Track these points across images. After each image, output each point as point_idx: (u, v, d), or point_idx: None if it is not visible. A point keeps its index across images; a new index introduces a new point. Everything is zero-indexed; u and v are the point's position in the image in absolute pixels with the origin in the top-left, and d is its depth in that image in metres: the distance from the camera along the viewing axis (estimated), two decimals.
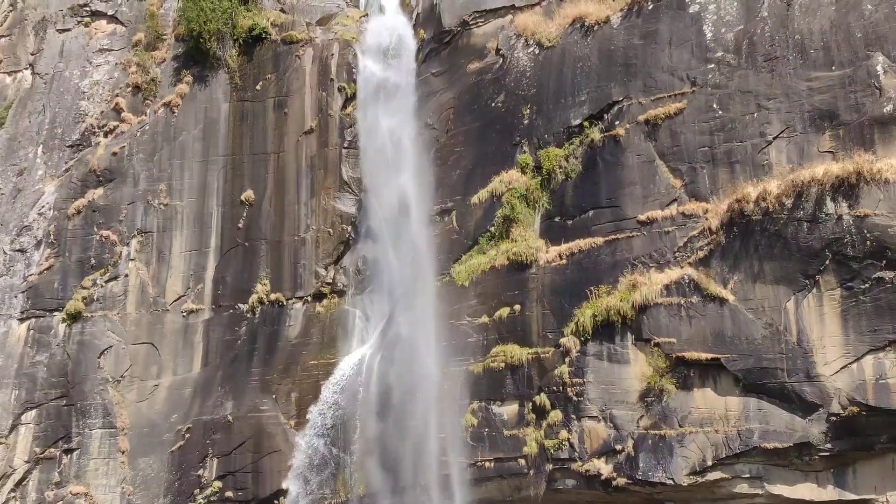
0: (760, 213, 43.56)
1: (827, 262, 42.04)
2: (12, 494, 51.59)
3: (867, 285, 41.34)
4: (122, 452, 51.91)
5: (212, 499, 50.57)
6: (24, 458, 52.11)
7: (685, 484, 42.55)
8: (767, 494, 42.20)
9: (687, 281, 44.29)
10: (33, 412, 52.87)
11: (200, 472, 51.03)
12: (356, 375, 49.49)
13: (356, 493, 48.54)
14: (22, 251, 56.22)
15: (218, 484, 50.62)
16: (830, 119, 43.98)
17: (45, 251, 55.85)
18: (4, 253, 56.34)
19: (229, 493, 50.51)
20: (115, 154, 57.19)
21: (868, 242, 41.42)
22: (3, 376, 53.52)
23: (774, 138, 44.83)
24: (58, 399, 52.88)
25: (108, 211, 56.07)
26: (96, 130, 58.78)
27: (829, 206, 42.34)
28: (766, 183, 43.94)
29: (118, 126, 58.54)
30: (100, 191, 56.55)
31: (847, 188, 42.21)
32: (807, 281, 42.37)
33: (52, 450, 52.10)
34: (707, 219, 45.03)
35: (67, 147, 58.73)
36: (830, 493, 41.78)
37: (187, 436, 51.63)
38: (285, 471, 49.68)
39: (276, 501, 49.77)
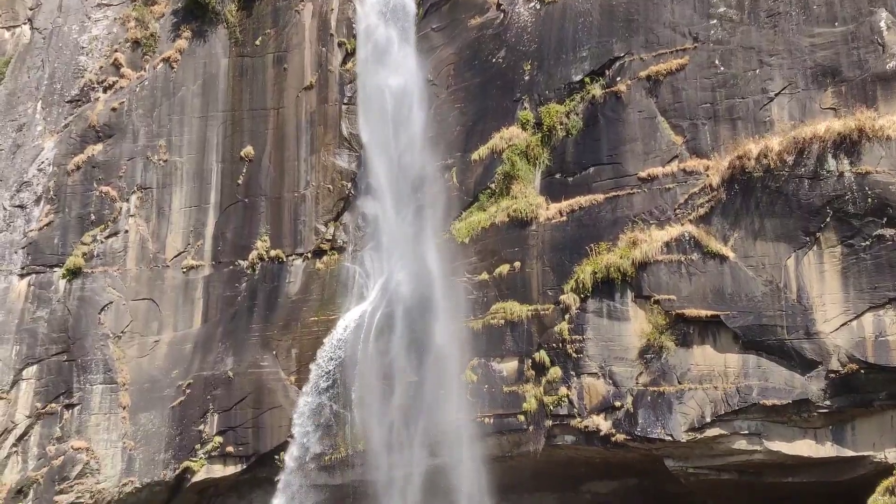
0: (762, 170, 43.45)
1: (828, 219, 41.99)
2: (14, 449, 51.78)
3: (868, 243, 41.29)
4: (124, 408, 52.03)
5: (213, 454, 50.77)
6: (26, 413, 52.25)
7: (684, 440, 42.67)
8: (766, 451, 42.28)
9: (687, 238, 44.23)
10: (34, 367, 52.97)
11: (201, 427, 51.19)
12: (356, 332, 49.50)
13: (356, 449, 48.69)
14: (22, 207, 56.12)
15: (219, 439, 50.81)
16: (833, 75, 43.83)
17: (45, 207, 55.76)
18: (4, 209, 56.25)
19: (230, 448, 50.69)
20: (114, 110, 56.98)
21: (869, 200, 41.35)
22: (3, 332, 53.57)
23: (776, 95, 44.69)
24: (59, 354, 52.97)
25: (107, 167, 55.92)
26: (95, 86, 58.56)
27: (831, 163, 42.24)
28: (767, 140, 43.82)
29: (117, 81, 58.32)
30: (99, 146, 56.38)
31: (849, 145, 42.10)
32: (807, 238, 42.32)
33: (53, 405, 52.23)
34: (708, 175, 44.92)
35: (67, 102, 58.53)
36: (829, 449, 41.88)
37: (188, 391, 51.76)
38: (286, 426, 49.83)
39: (276, 457, 49.95)
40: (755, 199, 43.46)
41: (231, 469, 50.85)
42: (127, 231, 54.74)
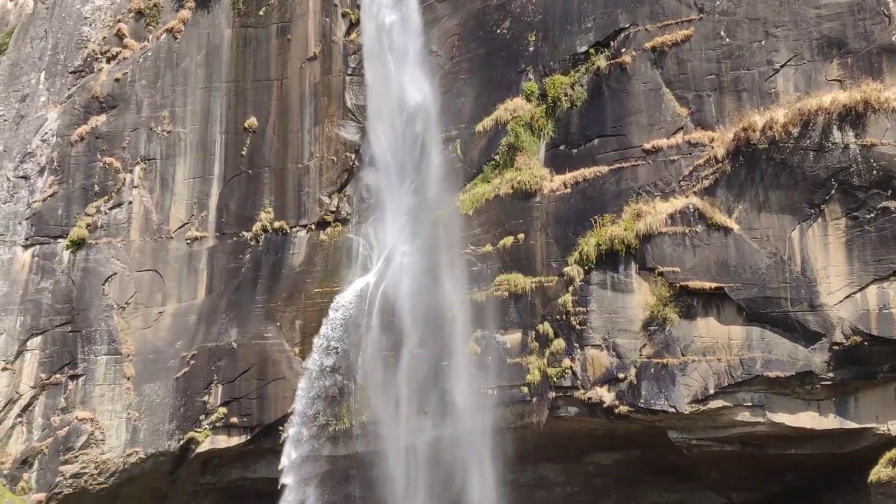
0: (767, 142, 43.35)
1: (832, 191, 41.92)
2: (19, 419, 51.96)
3: (872, 215, 41.23)
4: (128, 379, 52.16)
5: (217, 424, 50.92)
6: (30, 383, 52.41)
7: (687, 412, 42.75)
8: (769, 423, 42.36)
9: (692, 210, 44.16)
10: (39, 338, 53.11)
11: (205, 398, 51.33)
12: (360, 304, 49.53)
13: (360, 420, 48.81)
14: (25, 178, 56.12)
15: (223, 410, 50.95)
16: (839, 47, 43.64)
17: (49, 178, 55.73)
18: (8, 180, 56.25)
19: (234, 419, 50.83)
20: (117, 80, 56.85)
21: (874, 172, 41.27)
22: (8, 303, 53.69)
23: (782, 66, 44.51)
24: (63, 325, 53.07)
25: (111, 138, 55.86)
26: (98, 56, 58.41)
27: (836, 135, 42.14)
28: (772, 111, 43.70)
29: (120, 52, 58.18)
30: (103, 117, 56.29)
31: (854, 117, 41.98)
32: (812, 210, 42.25)
33: (57, 376, 52.38)
34: (713, 147, 44.80)
35: (70, 73, 58.43)
36: (832, 421, 41.96)
37: (192, 362, 51.87)
38: (290, 397, 49.93)
39: (280, 427, 50.07)
40: (760, 171, 43.38)
41: (235, 440, 51.00)
42: (131, 202, 54.73)
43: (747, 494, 48.53)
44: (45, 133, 56.62)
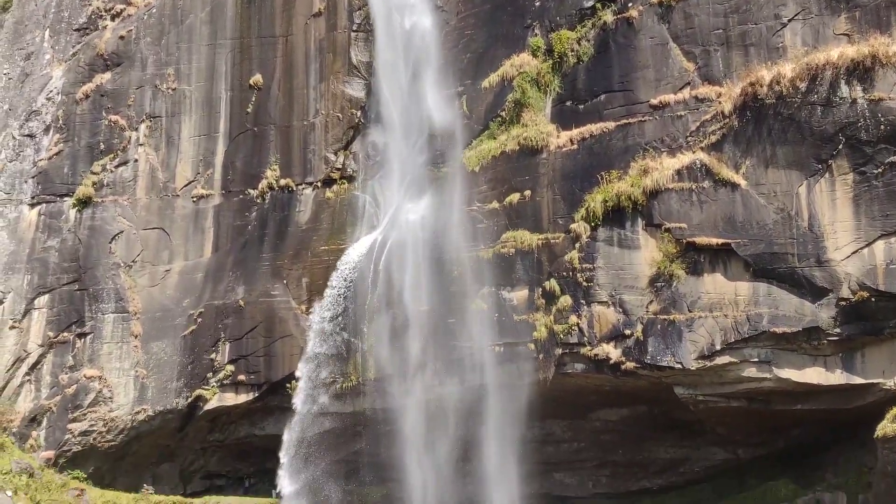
0: (774, 97, 43.17)
1: (840, 146, 41.79)
2: (27, 378, 52.11)
3: (880, 170, 41.14)
4: (135, 337, 52.24)
5: (224, 382, 51.06)
6: (38, 341, 52.52)
7: (693, 368, 42.82)
8: (775, 378, 42.43)
9: (699, 166, 44.03)
10: (46, 297, 53.17)
11: (213, 355, 51.43)
12: (366, 261, 49.51)
13: (367, 377, 48.93)
14: (31, 136, 55.99)
15: (230, 367, 51.07)
16: (846, 1, 43.35)
17: (54, 136, 55.60)
18: (14, 138, 56.13)
19: (242, 377, 50.97)
20: (122, 38, 56.54)
21: (882, 127, 41.12)
22: (15, 261, 53.72)
23: (789, 21, 44.25)
24: (70, 284, 53.11)
25: (116, 95, 55.65)
26: (103, 14, 58.11)
27: (844, 90, 41.96)
28: (780, 66, 43.51)
29: (125, 9, 57.84)
30: (108, 75, 56.05)
31: (862, 71, 41.78)
32: (819, 165, 42.14)
33: (65, 334, 52.47)
34: (720, 102, 44.63)
35: (74, 31, 58.13)
36: (838, 377, 42.05)
37: (199, 320, 51.92)
38: (297, 355, 50.03)
39: (287, 385, 50.20)
40: (767, 127, 43.22)
41: (243, 397, 51.16)
42: (136, 160, 54.60)
43: (753, 450, 48.66)
44: (50, 91, 56.44)
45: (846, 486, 43.21)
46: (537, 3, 49.95)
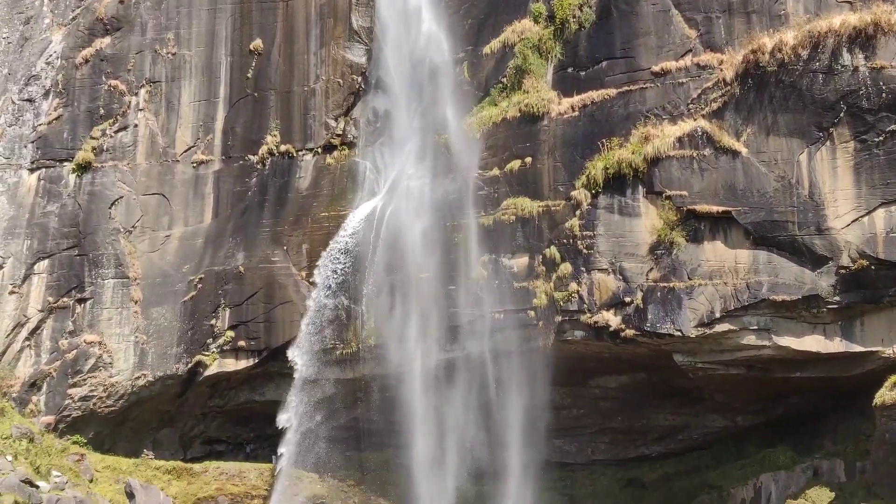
0: (776, 65, 43.07)
1: (841, 114, 41.75)
2: (27, 343, 52.10)
3: (881, 138, 41.12)
4: (135, 302, 52.22)
5: (224, 348, 51.08)
6: (38, 307, 52.47)
7: (693, 335, 42.88)
8: (775, 346, 42.51)
9: (700, 133, 43.97)
10: (46, 262, 53.06)
11: (213, 321, 51.44)
12: (367, 227, 49.47)
13: (367, 344, 48.98)
14: (30, 101, 55.76)
15: (230, 333, 51.08)
16: None
17: (54, 101, 55.36)
18: (13, 102, 55.92)
19: (242, 343, 50.99)
20: (121, 2, 56.07)
21: (883, 95, 41.08)
22: (15, 226, 53.59)
23: None
24: (70, 249, 52.99)
25: (115, 60, 55.34)
26: None
27: (846, 58, 41.89)
28: (782, 33, 43.41)
29: None
30: (107, 40, 55.71)
31: (864, 39, 41.69)
32: (820, 133, 42.09)
33: (65, 299, 52.41)
34: (722, 70, 44.54)
35: None
36: (837, 345, 42.15)
37: (199, 286, 51.89)
38: (297, 321, 50.06)
39: (288, 351, 50.21)
40: (769, 94, 43.14)
41: (243, 363, 51.21)
42: (136, 125, 54.38)
43: (752, 417, 48.83)
44: (50, 56, 56.17)
45: (844, 453, 43.35)
46: None
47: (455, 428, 48.17)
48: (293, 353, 49.72)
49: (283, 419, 49.69)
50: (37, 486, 40.12)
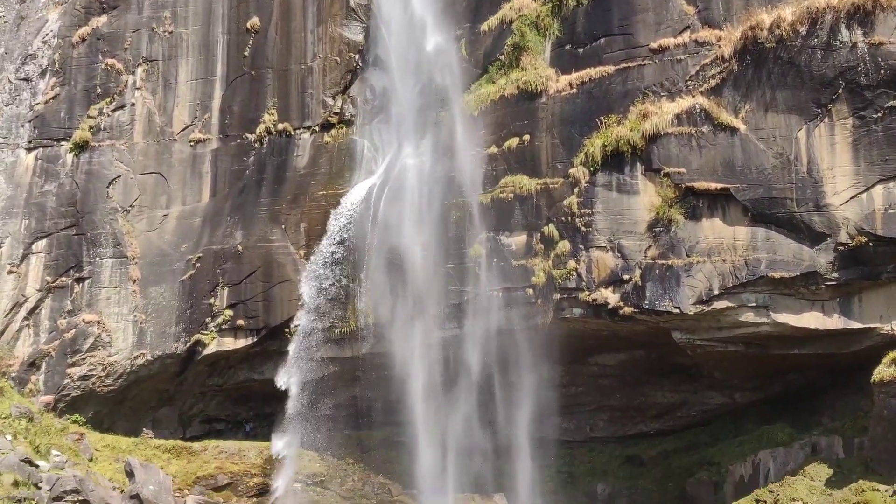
0: (774, 41, 42.95)
1: (840, 90, 41.66)
2: (25, 322, 52.13)
3: (880, 114, 41.05)
4: (134, 281, 52.23)
5: (223, 327, 51.11)
6: (36, 286, 52.48)
7: (691, 313, 42.89)
8: (773, 323, 42.53)
9: (698, 110, 43.89)
10: (44, 241, 53.04)
11: (211, 300, 51.45)
12: (365, 206, 49.40)
13: (366, 322, 49.00)
14: (27, 80, 55.65)
15: (229, 312, 51.10)
16: None
17: (51, 80, 55.24)
18: (10, 82, 55.79)
19: (240, 322, 51.02)
20: None
21: (882, 71, 40.97)
22: (12, 206, 53.55)
23: None
24: (68, 228, 52.97)
25: (112, 39, 55.18)
26: None
27: (844, 34, 41.76)
28: (780, 9, 43.31)
29: None
30: (104, 18, 55.53)
31: (862, 15, 41.56)
32: (819, 110, 42.01)
33: (63, 279, 52.41)
34: (720, 46, 44.44)
35: None
36: (836, 321, 42.17)
37: (198, 265, 51.87)
38: (296, 300, 50.07)
39: (286, 330, 50.29)
40: (767, 71, 43.04)
41: (242, 342, 51.25)
42: (133, 104, 54.27)
43: (750, 394, 48.91)
44: (46, 34, 55.99)
45: (842, 430, 43.41)
46: None
47: (454, 406, 48.19)
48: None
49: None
50: (36, 466, 40.18)
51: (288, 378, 49.36)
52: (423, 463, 47.48)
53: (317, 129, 52.36)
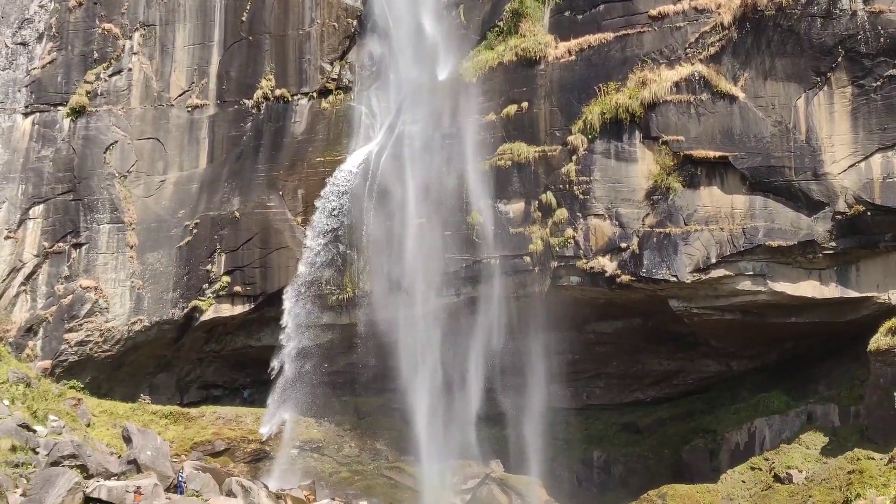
0: (774, 8, 42.77)
1: (839, 59, 41.53)
2: (23, 288, 52.10)
3: (879, 83, 40.94)
4: (131, 247, 52.18)
5: (220, 293, 51.11)
6: (34, 252, 52.43)
7: (688, 281, 42.92)
8: (770, 292, 42.58)
9: (697, 78, 43.76)
10: (41, 207, 52.96)
11: (209, 266, 51.42)
12: (362, 173, 49.28)
13: (363, 289, 49.00)
14: (24, 45, 55.37)
15: (226, 279, 51.10)
16: None
17: (48, 45, 54.99)
18: (6, 46, 55.51)
19: (238, 288, 51.02)
20: None
21: (882, 39, 40.82)
22: (9, 171, 53.44)
23: None
24: (65, 194, 52.88)
25: (109, 3, 54.88)
26: None
27: (844, 2, 41.62)
28: None
29: None
30: None
31: None
32: (818, 78, 41.89)
33: (60, 244, 52.33)
34: (720, 14, 44.26)
35: None
36: (833, 290, 42.23)
37: (195, 231, 51.81)
38: (293, 267, 50.03)
39: (284, 296, 50.24)
40: (766, 39, 42.87)
41: (239, 308, 51.27)
42: (130, 69, 54.08)
43: (746, 362, 48.98)
44: None
45: (838, 398, 43.57)
46: None
47: (451, 373, 48.27)
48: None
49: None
50: (34, 431, 40.23)
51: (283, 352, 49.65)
52: (419, 430, 47.55)
53: (314, 95, 52.16)
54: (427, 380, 47.99)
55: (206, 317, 51.46)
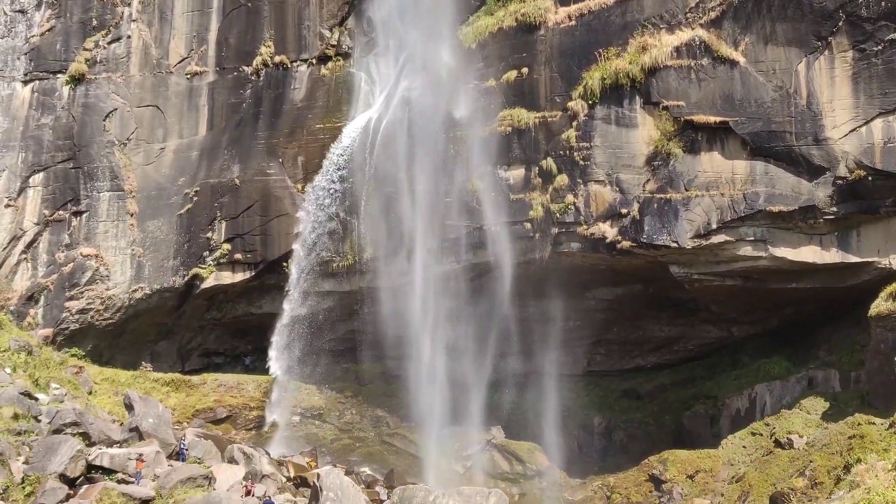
0: None
1: (840, 23, 41.35)
2: (23, 256, 52.08)
3: (880, 47, 40.79)
4: (131, 215, 52.15)
5: (221, 261, 51.14)
6: (34, 220, 52.38)
7: (689, 247, 42.90)
8: (771, 257, 42.57)
9: (698, 42, 43.57)
10: (41, 175, 52.87)
11: (209, 234, 51.41)
12: (362, 139, 49.18)
13: (363, 257, 49.04)
14: (22, 12, 55.09)
15: (227, 246, 51.11)
16: None
17: (46, 12, 54.72)
18: (5, 14, 55.24)
19: (238, 256, 51.03)
20: None
21: (883, 3, 40.67)
22: (9, 139, 53.31)
23: None
24: (65, 162, 52.78)
25: None
26: None
27: None
28: None
29: None
30: None
31: None
32: (819, 43, 41.73)
33: (61, 212, 52.27)
34: None
35: None
36: (833, 255, 42.23)
37: (195, 199, 51.76)
38: (293, 234, 50.03)
39: (284, 263, 50.31)
40: (767, 3, 42.70)
41: (240, 276, 51.32)
42: (129, 36, 53.82)
43: (747, 328, 49.04)
44: None
45: (839, 363, 43.65)
46: None
47: (450, 340, 48.32)
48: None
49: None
50: (36, 399, 40.33)
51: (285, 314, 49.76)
52: (419, 396, 47.65)
53: (314, 61, 51.95)
54: (427, 347, 48.05)
55: (206, 284, 51.53)
